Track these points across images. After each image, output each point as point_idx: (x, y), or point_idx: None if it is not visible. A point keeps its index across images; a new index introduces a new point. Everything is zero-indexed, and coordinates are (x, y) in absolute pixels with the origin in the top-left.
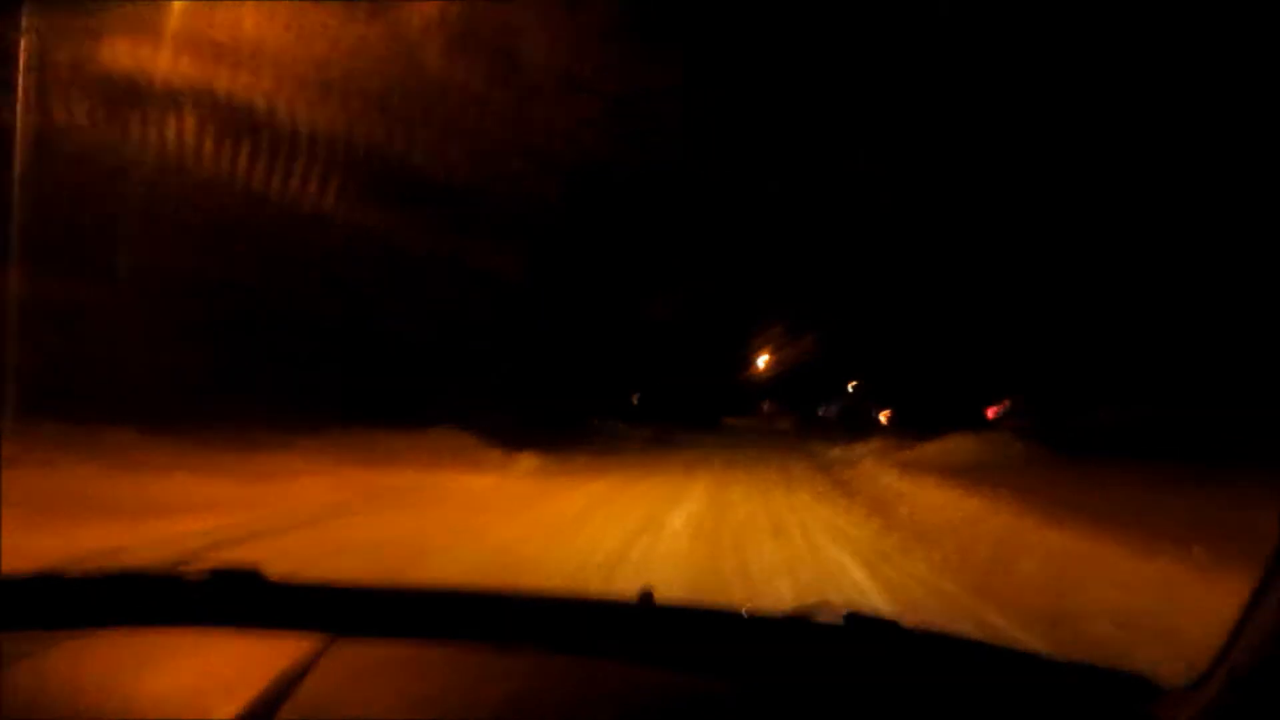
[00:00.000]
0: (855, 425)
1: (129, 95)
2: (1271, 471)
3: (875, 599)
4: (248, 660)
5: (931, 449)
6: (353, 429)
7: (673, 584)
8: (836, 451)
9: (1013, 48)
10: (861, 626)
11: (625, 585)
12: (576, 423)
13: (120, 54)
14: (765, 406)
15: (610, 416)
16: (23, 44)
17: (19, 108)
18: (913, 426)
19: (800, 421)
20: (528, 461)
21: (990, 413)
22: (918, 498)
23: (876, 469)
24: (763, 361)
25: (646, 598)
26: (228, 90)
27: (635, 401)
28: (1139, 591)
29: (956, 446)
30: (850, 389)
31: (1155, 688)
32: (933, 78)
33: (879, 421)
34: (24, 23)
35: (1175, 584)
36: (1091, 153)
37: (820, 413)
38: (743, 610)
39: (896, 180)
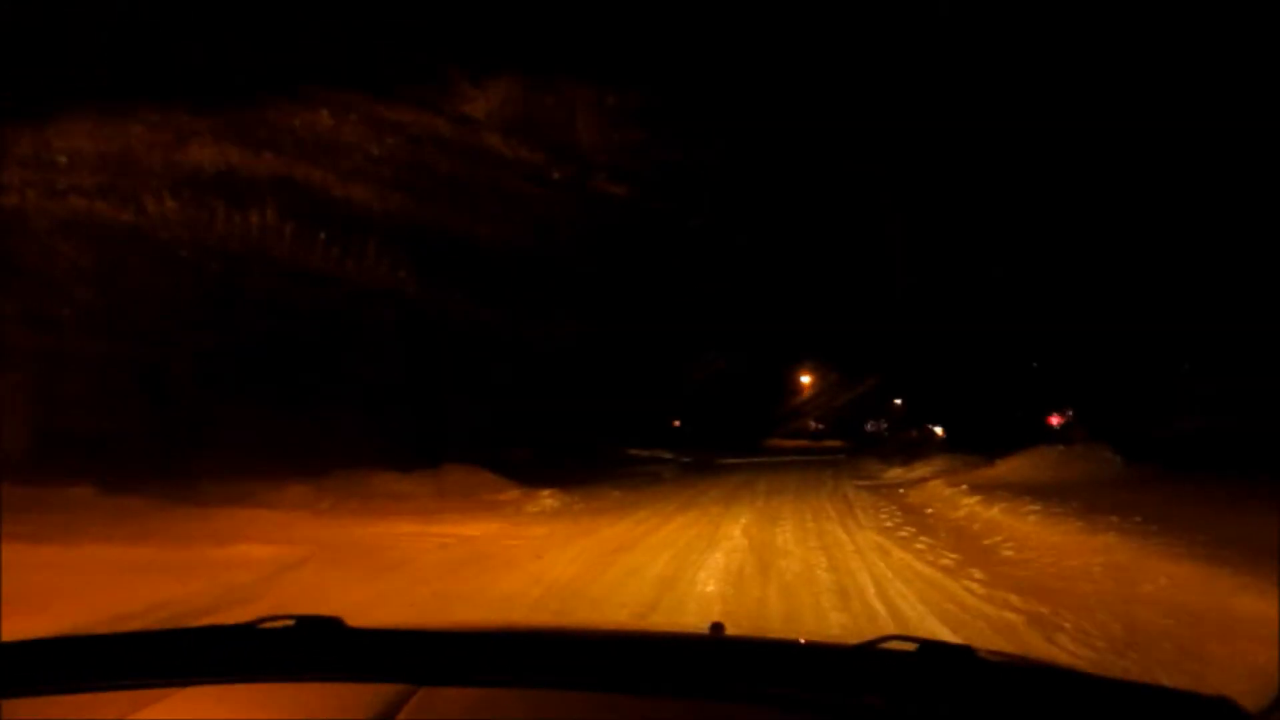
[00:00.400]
0: (908, 442)
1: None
2: None
3: None
4: (336, 709)
5: (1008, 466)
6: (357, 470)
7: None
8: (896, 471)
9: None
10: (934, 655)
11: None
12: (611, 453)
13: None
14: (811, 425)
15: (652, 444)
16: None
17: None
18: (968, 442)
19: (848, 439)
20: (546, 501)
21: (1053, 420)
22: (1018, 532)
23: (950, 492)
24: (806, 380)
25: (718, 628)
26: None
27: (676, 425)
28: None
29: (1037, 463)
30: (897, 404)
31: (1238, 710)
32: (969, 87)
33: (934, 437)
34: None
35: None
36: (1143, 157)
37: (868, 428)
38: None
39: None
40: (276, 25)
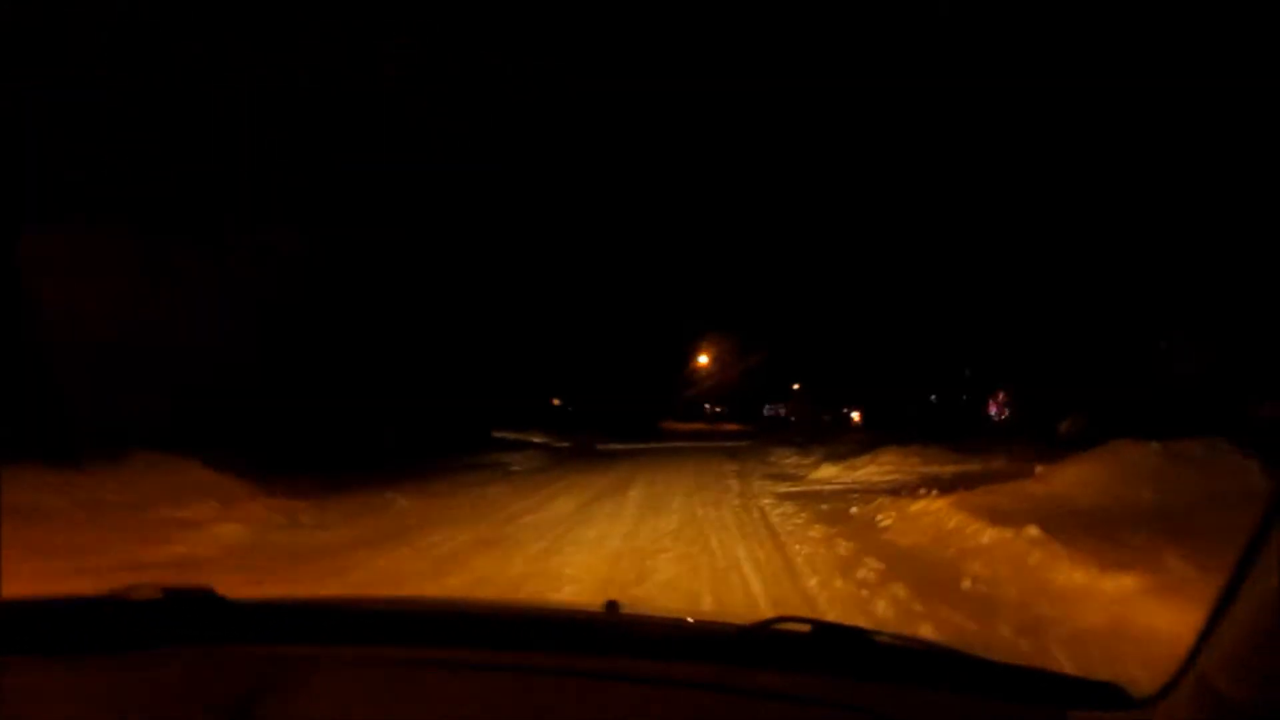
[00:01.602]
0: (819, 426)
1: None
2: None
3: None
4: (212, 678)
5: (1071, 477)
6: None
7: None
8: (827, 469)
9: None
10: (827, 635)
11: None
12: (469, 437)
13: None
14: (708, 408)
15: (527, 426)
16: None
17: None
18: (892, 427)
19: (747, 423)
20: (233, 527)
21: (993, 409)
22: None
23: (948, 521)
24: (704, 360)
25: (613, 607)
26: None
27: (557, 405)
28: None
29: (1124, 472)
30: (795, 389)
31: (1126, 696)
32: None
33: (850, 421)
34: None
35: None
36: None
37: (767, 412)
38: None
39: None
40: None
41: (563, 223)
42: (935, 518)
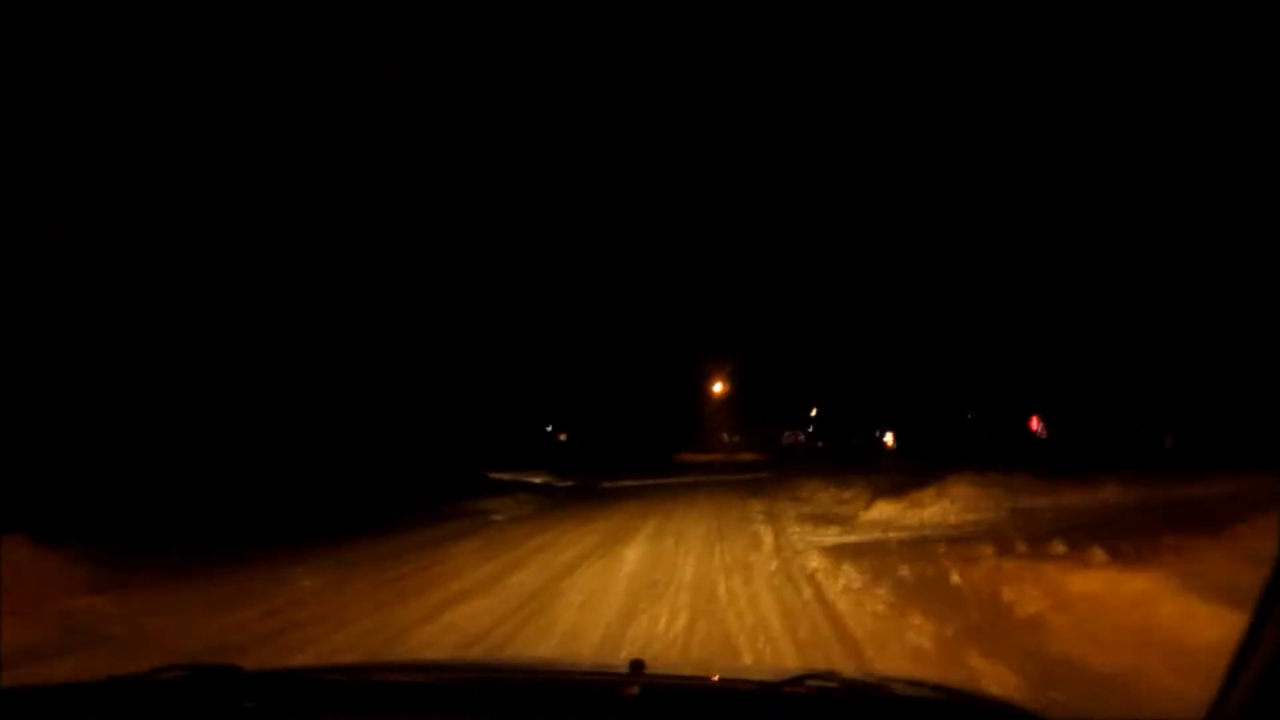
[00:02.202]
0: (849, 451)
1: None
2: None
3: None
4: None
5: None
6: None
7: None
8: (860, 503)
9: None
10: (857, 695)
11: None
12: (457, 480)
13: None
14: (725, 437)
15: (529, 465)
16: None
17: None
18: (930, 452)
19: (764, 451)
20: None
21: (1035, 425)
22: None
23: (1171, 614)
24: (718, 388)
25: (638, 666)
26: None
27: (563, 440)
28: None
29: None
30: (813, 415)
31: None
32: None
33: (883, 446)
34: None
35: None
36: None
37: (785, 440)
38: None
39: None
40: None
41: (568, 240)
42: (1135, 606)
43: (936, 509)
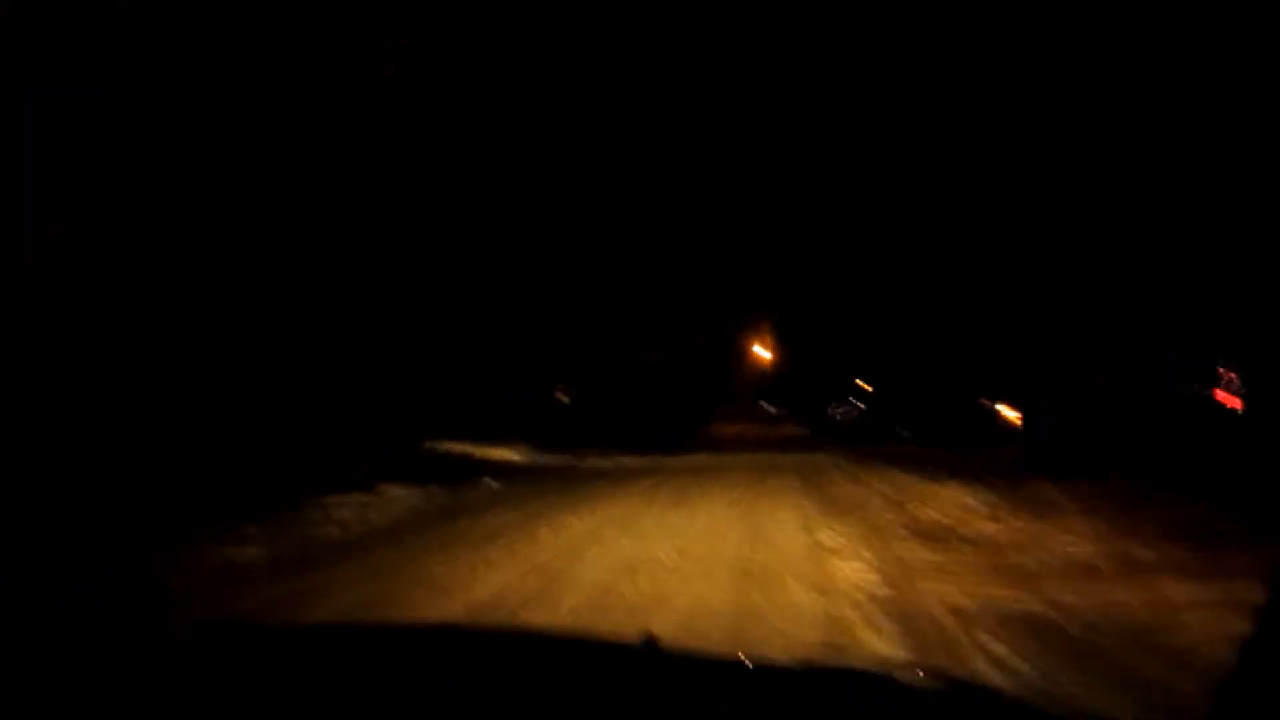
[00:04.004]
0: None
1: None
2: None
3: None
4: None
5: None
6: None
7: None
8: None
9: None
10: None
11: None
12: (395, 447)
13: None
14: (767, 408)
15: (511, 435)
16: None
17: None
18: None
19: (809, 426)
20: None
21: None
22: None
23: None
24: (764, 354)
25: (650, 643)
26: None
27: (563, 399)
28: None
29: None
30: (863, 386)
31: None
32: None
33: (1002, 424)
34: None
35: None
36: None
37: (838, 415)
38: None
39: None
40: None
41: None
42: None
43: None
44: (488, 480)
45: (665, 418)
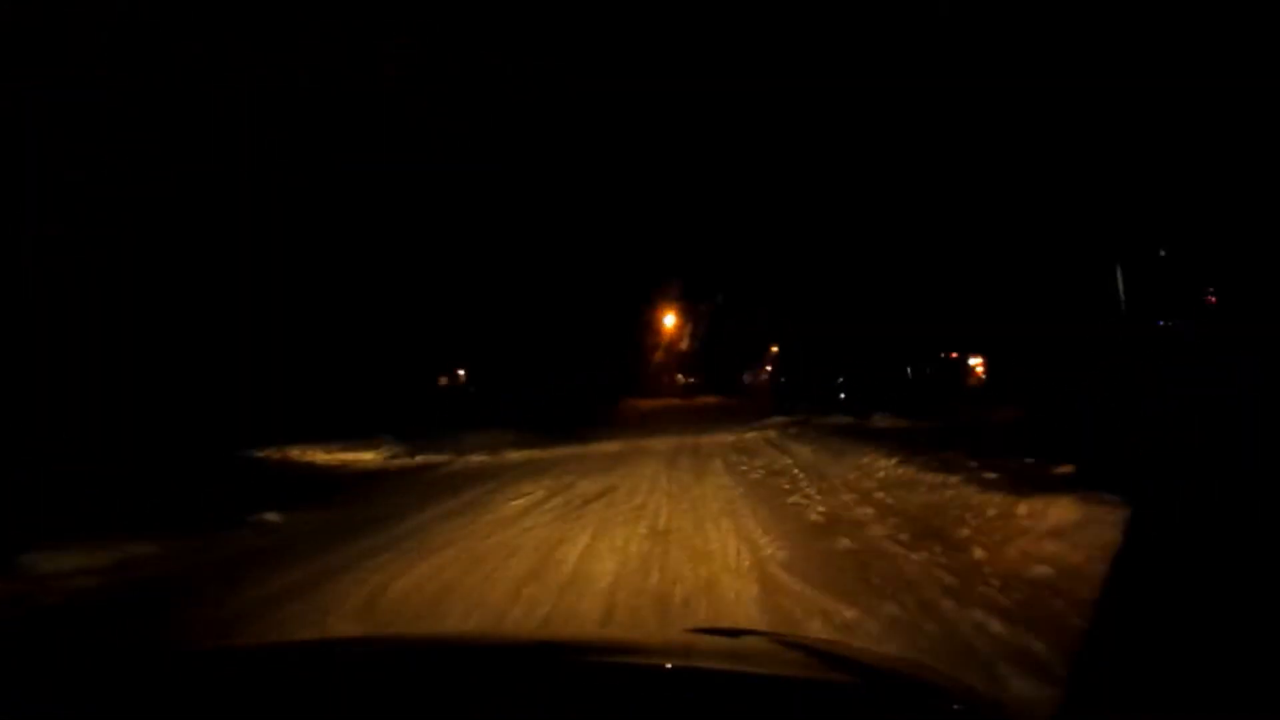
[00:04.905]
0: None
1: None
2: None
3: None
4: None
5: None
6: None
7: None
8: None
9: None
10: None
11: None
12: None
13: None
14: (680, 379)
15: (381, 430)
16: None
17: None
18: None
19: (724, 394)
20: None
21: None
22: None
23: None
24: (670, 322)
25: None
26: None
27: (446, 384)
28: None
29: None
30: (774, 351)
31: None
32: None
33: (968, 374)
34: None
35: None
36: None
37: (746, 379)
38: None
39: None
40: None
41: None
42: None
43: None
44: (269, 516)
45: (573, 398)
